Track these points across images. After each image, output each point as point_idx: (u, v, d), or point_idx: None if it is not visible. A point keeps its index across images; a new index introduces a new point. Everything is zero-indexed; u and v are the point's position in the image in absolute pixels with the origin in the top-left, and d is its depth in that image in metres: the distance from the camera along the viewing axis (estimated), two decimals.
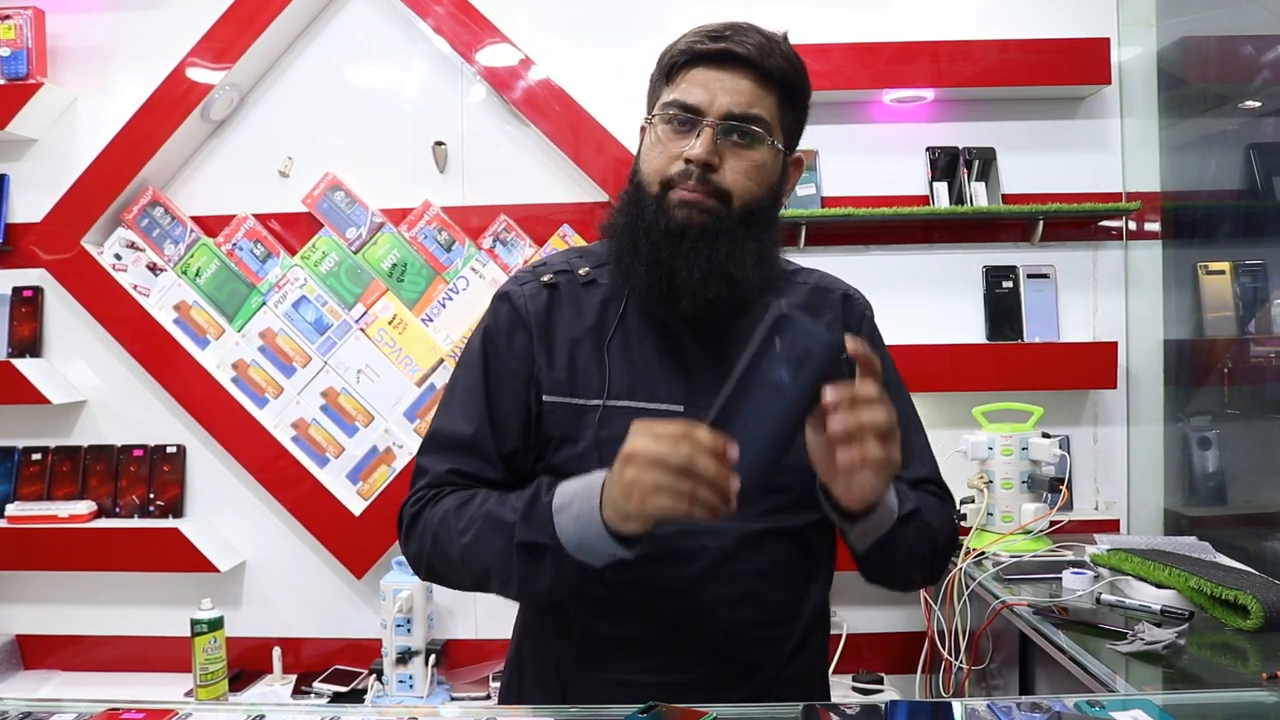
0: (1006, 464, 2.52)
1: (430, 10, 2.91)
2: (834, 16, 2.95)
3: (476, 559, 1.34)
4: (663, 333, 1.44)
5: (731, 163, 1.38)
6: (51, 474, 3.02)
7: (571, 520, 1.24)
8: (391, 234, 2.99)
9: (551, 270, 1.51)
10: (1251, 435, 2.69)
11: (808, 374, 1.10)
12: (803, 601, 1.48)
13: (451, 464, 1.44)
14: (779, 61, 1.41)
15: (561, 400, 1.42)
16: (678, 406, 1.40)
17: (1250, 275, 2.67)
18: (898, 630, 2.95)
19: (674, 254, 1.36)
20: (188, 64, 2.90)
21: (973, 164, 2.93)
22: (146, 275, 3.00)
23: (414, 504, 1.44)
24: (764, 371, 1.10)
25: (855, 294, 1.65)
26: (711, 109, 1.37)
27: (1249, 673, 1.69)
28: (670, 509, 1.14)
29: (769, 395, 1.11)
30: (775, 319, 1.10)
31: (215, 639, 2.72)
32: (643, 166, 1.43)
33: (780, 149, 1.44)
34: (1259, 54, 2.62)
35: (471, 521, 1.34)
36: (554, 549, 1.25)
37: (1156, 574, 2.04)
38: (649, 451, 1.14)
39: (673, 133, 1.39)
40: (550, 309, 1.47)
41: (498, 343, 1.47)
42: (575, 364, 1.43)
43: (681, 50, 1.41)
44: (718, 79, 1.38)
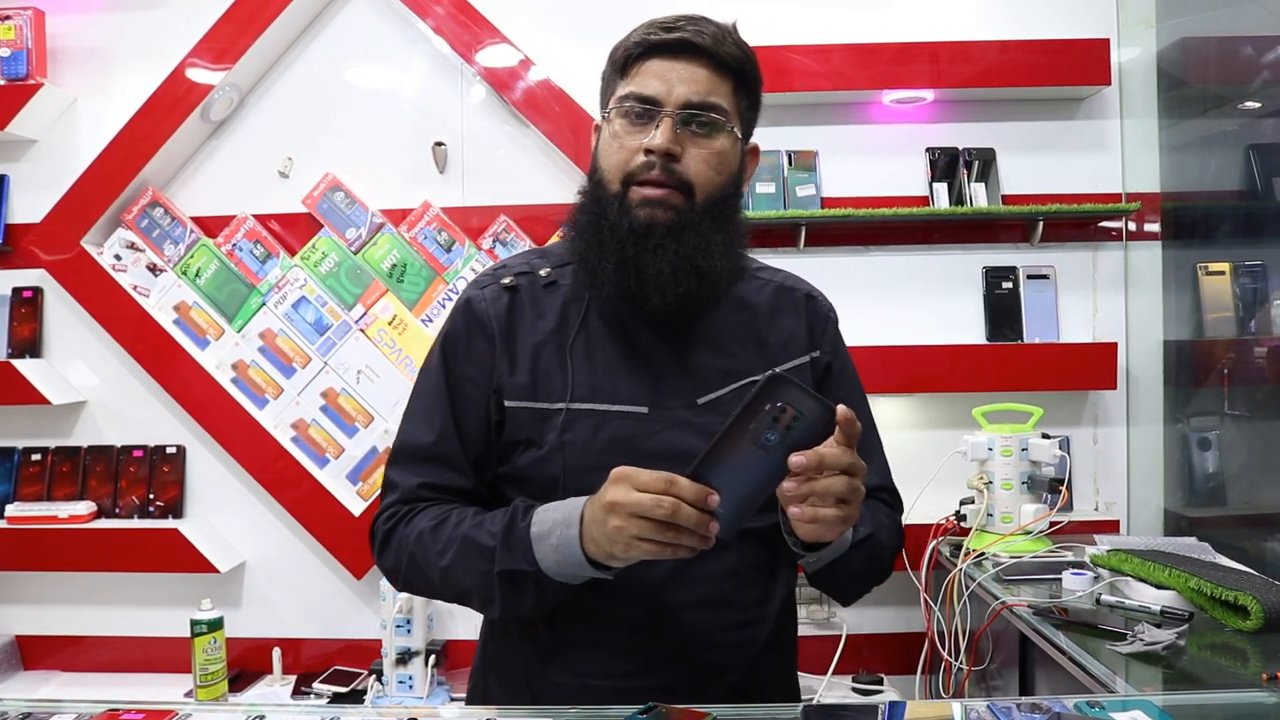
0: (1006, 465, 2.52)
1: (430, 11, 2.91)
2: (834, 17, 2.95)
3: (456, 581, 1.35)
4: (626, 334, 1.44)
5: (693, 152, 1.38)
6: (51, 474, 3.02)
7: (551, 550, 1.25)
8: (391, 234, 2.99)
9: (512, 273, 1.50)
10: (1251, 436, 2.69)
11: (794, 439, 1.12)
12: (770, 602, 1.48)
13: (421, 477, 1.43)
14: (733, 50, 1.42)
15: (524, 405, 1.41)
16: (641, 408, 1.40)
17: (1250, 276, 2.67)
18: (897, 631, 2.95)
19: (640, 251, 1.36)
20: (188, 64, 2.90)
21: (972, 164, 2.93)
22: (146, 276, 3.00)
23: (387, 520, 1.43)
24: (752, 430, 1.12)
25: (818, 295, 1.63)
26: (670, 99, 1.36)
27: (1249, 673, 1.69)
28: (653, 555, 1.17)
29: (754, 453, 1.13)
30: (770, 380, 1.12)
31: (215, 639, 2.72)
32: (602, 163, 1.42)
33: (739, 136, 1.46)
34: (1259, 55, 2.62)
35: (449, 544, 1.34)
36: (534, 575, 1.27)
37: (1156, 575, 2.04)
38: (632, 504, 1.15)
39: (631, 125, 1.38)
40: (511, 312, 1.46)
41: (458, 349, 1.47)
42: (538, 368, 1.43)
43: (635, 43, 1.41)
44: (674, 69, 1.38)
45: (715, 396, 1.43)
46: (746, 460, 1.12)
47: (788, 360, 1.49)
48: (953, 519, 2.61)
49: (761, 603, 1.46)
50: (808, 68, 2.85)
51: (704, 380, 1.44)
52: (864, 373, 2.84)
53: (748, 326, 1.50)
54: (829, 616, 2.95)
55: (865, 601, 2.95)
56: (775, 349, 1.50)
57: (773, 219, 2.85)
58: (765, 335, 1.50)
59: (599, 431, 1.38)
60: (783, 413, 1.11)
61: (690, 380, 1.43)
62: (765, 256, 2.93)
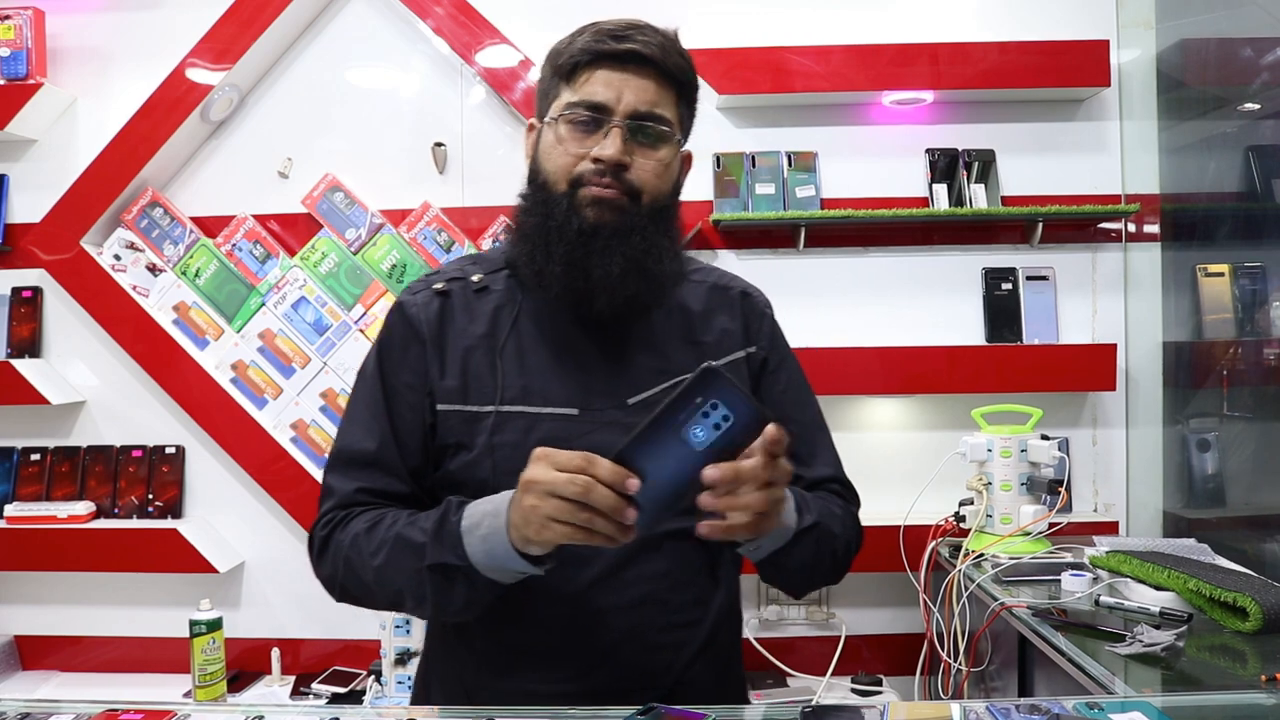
0: (1005, 466, 2.52)
1: (430, 11, 2.91)
2: (834, 18, 2.95)
3: (389, 581, 1.33)
4: (557, 336, 1.45)
5: (640, 161, 1.39)
6: (50, 474, 3.02)
7: (480, 541, 1.24)
8: (391, 235, 2.99)
9: (444, 278, 1.50)
10: (1250, 437, 2.69)
11: (722, 437, 1.09)
12: (707, 604, 1.47)
13: (359, 482, 1.43)
14: (678, 60, 1.43)
15: (455, 408, 1.42)
16: (572, 410, 1.40)
17: (1249, 277, 2.67)
18: (897, 632, 2.95)
19: (589, 252, 1.37)
20: (187, 65, 2.90)
21: (972, 166, 2.93)
22: (146, 276, 3.00)
23: (324, 526, 1.42)
24: (681, 423, 1.09)
25: (754, 291, 1.63)
26: (618, 108, 1.37)
27: (1248, 675, 1.69)
28: (567, 537, 1.15)
29: (680, 447, 1.10)
30: (704, 374, 1.08)
31: (214, 640, 2.71)
32: (545, 166, 1.43)
33: (682, 145, 1.47)
34: (1258, 56, 2.62)
35: (382, 544, 1.33)
36: (465, 569, 1.26)
37: (1155, 576, 2.04)
38: (546, 481, 1.14)
39: (577, 132, 1.39)
40: (443, 317, 1.46)
41: (393, 355, 1.46)
42: (468, 371, 1.43)
43: (583, 49, 1.40)
44: (622, 79, 1.38)
45: (647, 396, 1.43)
46: (673, 453, 1.10)
47: (723, 356, 1.50)
48: (952, 520, 2.61)
49: (697, 604, 1.45)
50: (807, 69, 2.85)
51: (636, 380, 1.44)
52: (864, 373, 2.87)
53: (682, 326, 1.51)
54: (828, 618, 2.96)
55: (864, 602, 3.00)
56: (710, 346, 1.50)
57: (772, 220, 2.85)
58: (699, 334, 1.51)
59: (529, 434, 1.38)
60: (714, 409, 1.08)
61: (622, 381, 1.44)
62: (765, 258, 2.98)
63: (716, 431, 1.09)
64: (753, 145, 2.97)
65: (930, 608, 2.54)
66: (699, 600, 1.46)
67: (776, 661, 2.85)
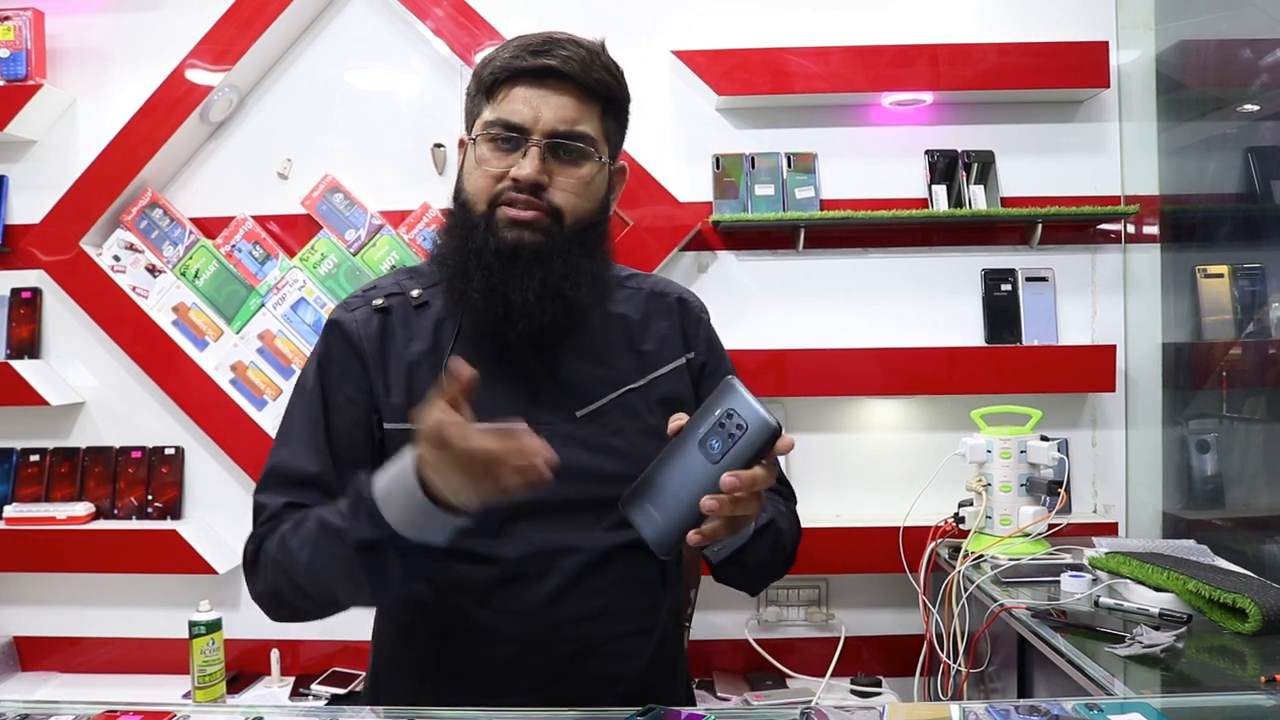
0: (1005, 467, 2.52)
1: (429, 12, 2.91)
2: (833, 19, 2.95)
3: (320, 574, 1.29)
4: (501, 350, 1.43)
5: (560, 180, 1.37)
6: (50, 475, 3.02)
7: (398, 503, 1.18)
8: (390, 236, 2.98)
9: (382, 294, 1.49)
10: (1250, 438, 2.69)
11: (738, 447, 1.11)
12: (658, 610, 1.48)
13: (288, 498, 1.39)
14: (601, 75, 1.41)
15: (401, 427, 1.39)
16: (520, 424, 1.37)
17: (1248, 279, 2.67)
18: (896, 633, 2.95)
19: (507, 277, 1.35)
20: (187, 65, 2.90)
21: (971, 167, 2.93)
22: (145, 277, 3.00)
23: (253, 541, 1.39)
24: (698, 437, 1.13)
25: (690, 297, 1.63)
26: (536, 127, 1.36)
27: (1247, 676, 1.69)
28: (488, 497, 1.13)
29: (699, 461, 1.13)
30: (720, 387, 1.12)
31: (213, 641, 2.71)
32: (467, 186, 1.42)
33: (606, 162, 1.44)
34: (1257, 58, 2.62)
35: (306, 538, 1.29)
36: (391, 539, 1.19)
37: (1155, 577, 2.04)
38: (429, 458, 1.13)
39: (496, 151, 1.38)
40: (384, 334, 1.45)
41: (333, 371, 1.44)
42: (413, 388, 1.41)
43: (502, 66, 1.39)
44: (540, 96, 1.37)
45: (594, 408, 1.43)
46: (692, 469, 1.13)
47: (664, 364, 1.51)
48: (951, 521, 2.61)
49: (649, 612, 1.46)
50: (807, 70, 2.85)
51: (582, 391, 1.44)
52: (863, 374, 2.87)
53: (622, 335, 1.51)
54: (828, 619, 2.96)
55: (864, 603, 3.00)
56: (650, 355, 1.50)
57: (771, 221, 2.85)
58: (640, 342, 1.51)
59: None
60: (729, 419, 1.11)
61: (568, 393, 1.44)
62: (764, 259, 2.98)
63: (732, 440, 1.11)
64: (752, 146, 2.97)
65: (930, 609, 2.54)
66: (651, 607, 1.47)
67: (776, 663, 2.85)
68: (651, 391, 1.49)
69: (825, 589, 2.98)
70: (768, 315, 2.97)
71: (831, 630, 2.95)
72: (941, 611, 2.43)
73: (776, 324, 2.95)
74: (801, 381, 2.83)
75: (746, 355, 2.76)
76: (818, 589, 2.97)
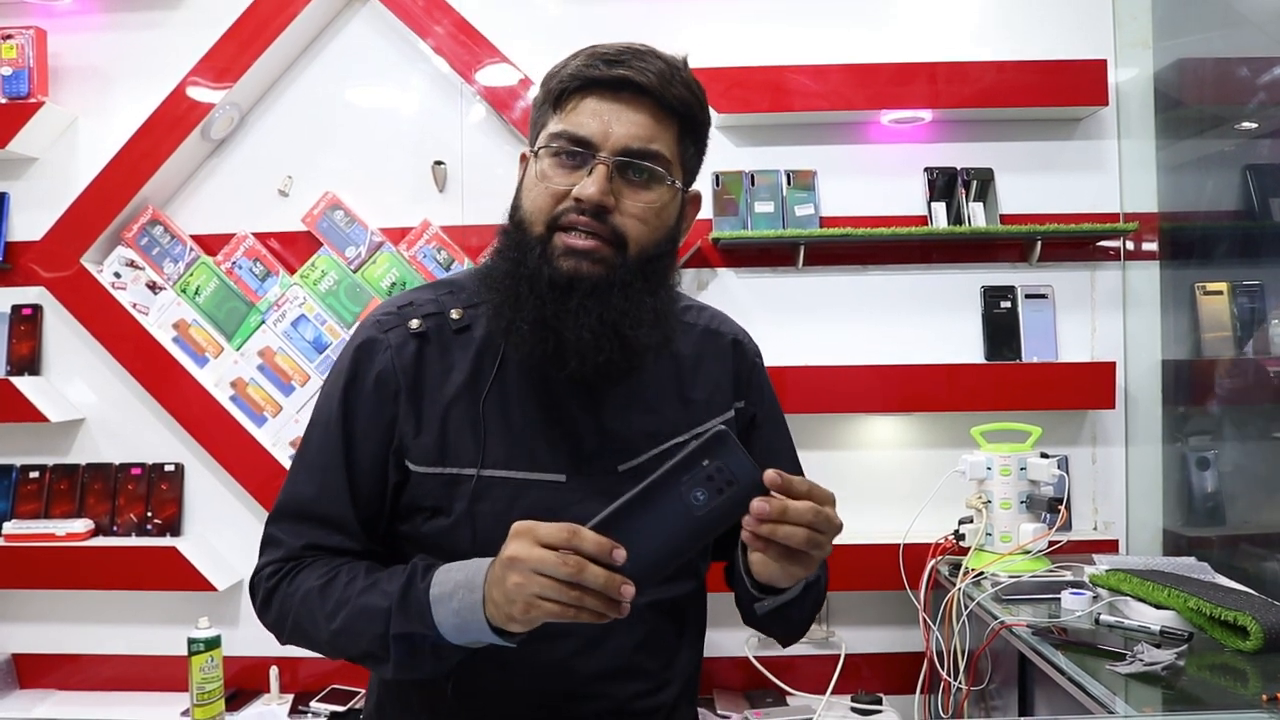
0: (1005, 484, 2.52)
1: (430, 31, 2.93)
2: (832, 37, 2.96)
3: (348, 645, 1.25)
4: (545, 389, 1.33)
5: (627, 204, 1.26)
6: (49, 492, 3.02)
7: (452, 614, 1.15)
8: (391, 253, 2.99)
9: (420, 313, 1.36)
10: (1250, 455, 2.69)
11: (724, 502, 1.06)
12: (675, 666, 1.42)
13: (307, 539, 1.32)
14: (680, 91, 1.28)
15: (432, 471, 1.31)
16: (560, 476, 1.31)
17: (1248, 296, 2.68)
18: (896, 650, 2.94)
19: (560, 311, 1.23)
20: (188, 83, 2.91)
21: (971, 184, 2.94)
22: (146, 294, 3.01)
23: (270, 576, 1.33)
24: (681, 485, 1.05)
25: (745, 339, 1.54)
26: (606, 143, 1.24)
27: (1248, 694, 1.68)
28: (555, 616, 1.06)
29: (679, 510, 1.06)
30: (711, 438, 1.05)
31: (212, 658, 2.71)
32: (525, 204, 1.30)
33: (679, 188, 1.32)
34: (1255, 76, 2.63)
35: (339, 605, 1.24)
36: (433, 639, 1.17)
37: (1155, 595, 2.03)
38: (535, 560, 1.05)
39: (560, 167, 1.27)
40: (419, 363, 1.33)
41: (360, 401, 1.33)
42: (447, 429, 1.31)
43: (572, 75, 1.28)
44: (613, 110, 1.25)
45: (638, 463, 1.35)
46: (669, 517, 1.05)
47: (714, 415, 1.42)
48: (951, 538, 2.61)
49: (668, 666, 1.41)
50: (806, 88, 2.86)
51: (626, 444, 1.35)
52: (863, 391, 2.87)
53: (673, 381, 1.42)
54: (828, 636, 2.95)
55: (864, 621, 2.99)
56: (700, 405, 1.42)
57: (771, 238, 2.85)
58: (690, 390, 1.42)
59: (514, 502, 1.29)
60: (719, 473, 1.05)
61: (612, 444, 1.34)
62: (764, 276, 2.98)
63: (720, 495, 1.05)
64: (752, 164, 2.98)
65: (930, 626, 2.54)
66: (668, 664, 1.42)
67: (776, 680, 2.84)
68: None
69: (825, 606, 2.97)
70: (767, 332, 2.94)
71: (832, 648, 2.94)
72: (942, 629, 2.43)
73: (776, 341, 2.94)
74: (801, 398, 2.82)
75: None
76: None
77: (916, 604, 2.58)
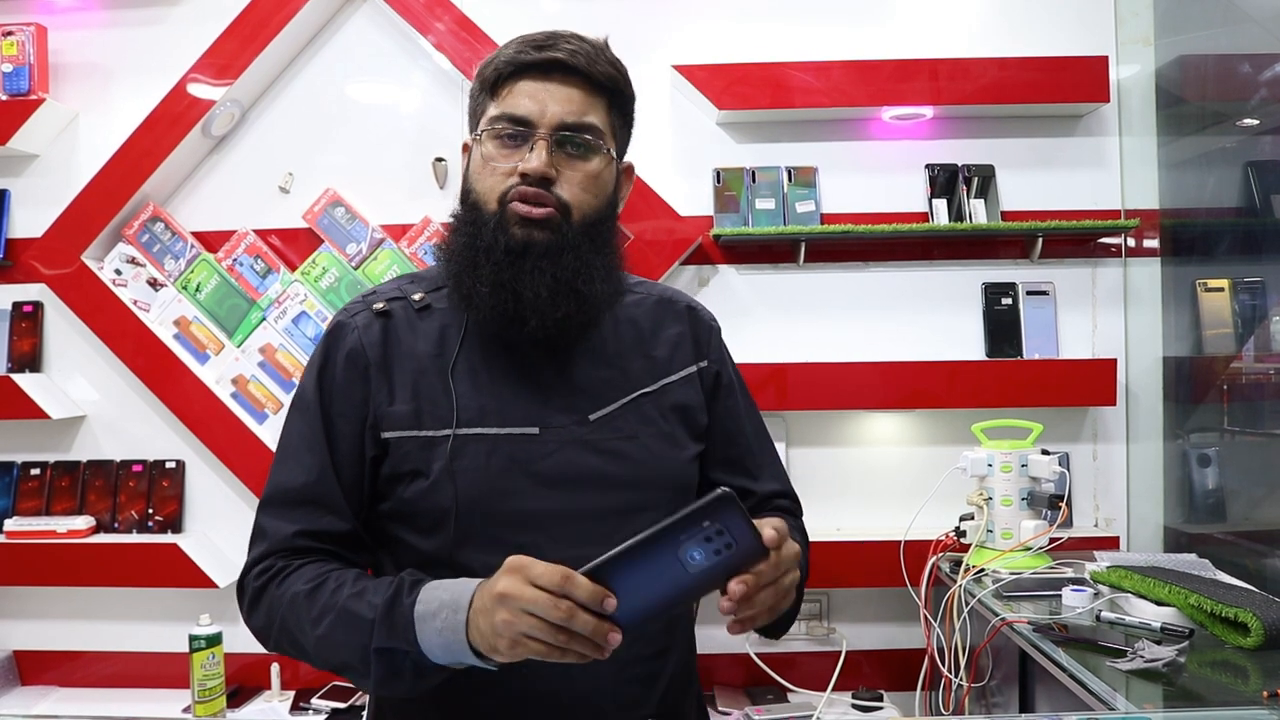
0: (1006, 481, 2.52)
1: (431, 27, 2.92)
2: (833, 34, 2.96)
3: (332, 653, 1.27)
4: (509, 353, 1.40)
5: (568, 174, 1.35)
6: (50, 489, 3.02)
7: (435, 634, 1.17)
8: (392, 250, 2.99)
9: (383, 298, 1.45)
10: (1251, 452, 2.69)
11: (720, 564, 1.06)
12: (675, 632, 1.46)
13: (297, 524, 1.36)
14: (606, 68, 1.39)
15: (408, 434, 1.36)
16: (533, 429, 1.36)
17: (1249, 292, 2.68)
18: (897, 647, 2.94)
19: (518, 273, 1.33)
20: (189, 80, 2.91)
21: (972, 181, 2.94)
22: (147, 290, 3.01)
23: (257, 576, 1.36)
24: (679, 543, 1.05)
25: (699, 306, 1.61)
26: (543, 120, 1.34)
27: (1249, 691, 1.68)
28: (540, 655, 1.09)
29: (674, 566, 1.05)
30: (716, 499, 1.04)
31: (214, 655, 2.71)
32: (475, 186, 1.40)
33: (614, 156, 1.42)
34: (1257, 72, 2.63)
35: (325, 611, 1.26)
36: (415, 656, 1.19)
37: (1156, 591, 2.03)
38: (527, 600, 1.07)
39: (503, 147, 1.36)
40: (386, 339, 1.41)
41: (334, 382, 1.40)
42: (419, 395, 1.37)
43: (505, 61, 1.37)
44: (546, 89, 1.35)
45: (608, 411, 1.41)
46: (663, 572, 1.05)
47: (677, 370, 1.49)
48: (952, 535, 2.61)
49: (668, 632, 1.44)
50: (807, 84, 2.86)
51: (595, 395, 1.41)
52: (864, 388, 2.87)
53: (633, 338, 1.49)
54: (829, 633, 2.95)
55: (865, 617, 2.99)
56: (662, 360, 1.49)
57: (772, 235, 2.85)
58: (651, 347, 1.50)
59: (491, 456, 1.34)
60: (718, 535, 1.04)
61: (581, 396, 1.40)
62: (765, 273, 2.98)
63: (716, 558, 1.06)
64: (753, 160, 2.98)
65: (931, 623, 2.54)
66: (668, 629, 1.45)
67: (777, 677, 2.85)
68: (664, 397, 1.46)
69: (826, 603, 2.98)
70: (768, 329, 2.97)
71: (833, 644, 2.95)
72: (943, 626, 2.43)
73: (777, 338, 2.95)
74: (802, 395, 2.82)
75: (747, 369, 2.73)
76: (819, 603, 2.97)
77: (917, 601, 2.58)
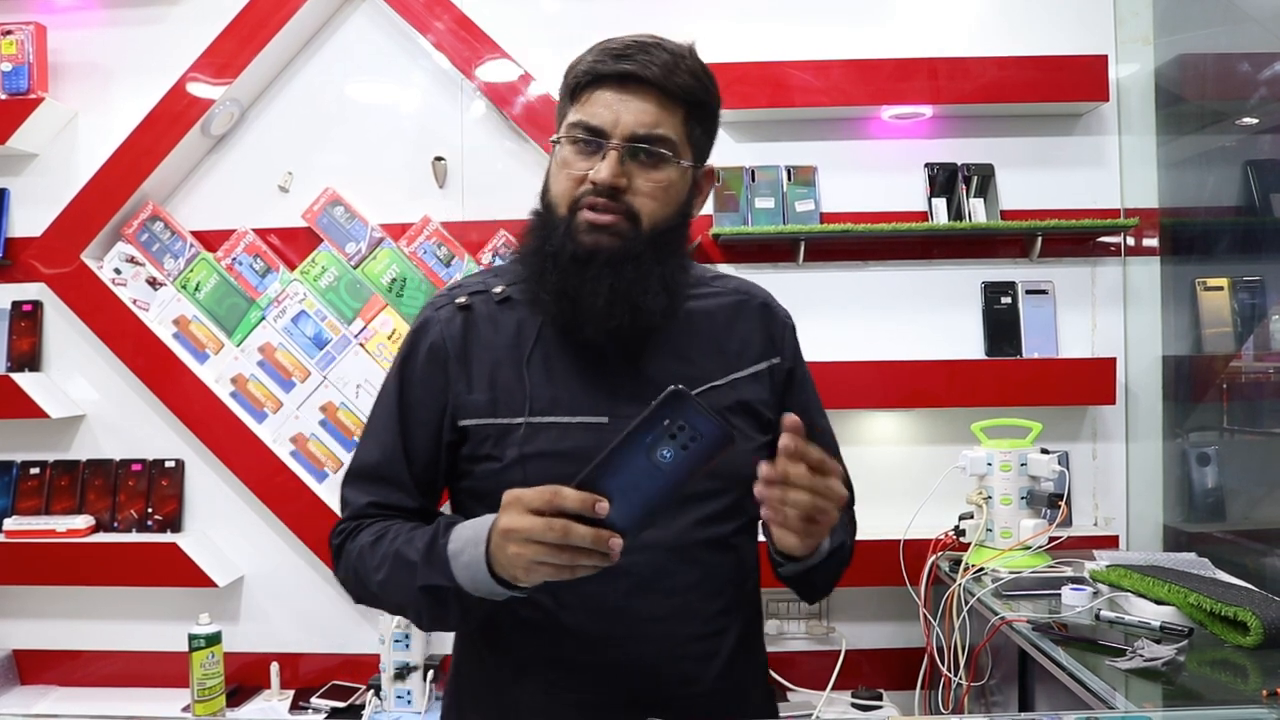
0: (1005, 480, 2.52)
1: (430, 27, 2.92)
2: (833, 34, 2.96)
3: (391, 595, 1.38)
4: (582, 346, 1.44)
5: (639, 183, 1.38)
6: (50, 488, 3.02)
7: (464, 568, 1.25)
8: (391, 249, 2.99)
9: (466, 291, 1.52)
10: (1250, 451, 2.69)
11: (690, 458, 1.11)
12: (736, 610, 1.48)
13: (370, 496, 1.48)
14: (684, 80, 1.41)
15: (484, 422, 1.43)
16: (601, 418, 1.41)
17: (1248, 291, 2.68)
18: (897, 646, 2.94)
19: (580, 281, 1.37)
20: (188, 79, 2.91)
21: (971, 180, 2.94)
22: (146, 290, 3.01)
23: (338, 535, 1.49)
24: (645, 444, 1.11)
25: (774, 303, 1.65)
26: (616, 130, 1.37)
27: (1249, 690, 1.68)
28: (555, 575, 1.16)
29: (648, 467, 1.11)
30: (670, 397, 1.10)
31: (213, 654, 2.71)
32: (551, 188, 1.44)
33: (688, 166, 1.44)
34: (1256, 71, 2.63)
35: (384, 559, 1.37)
36: (455, 590, 1.27)
37: (1156, 590, 2.03)
38: (525, 529, 1.14)
39: (578, 154, 1.40)
40: (467, 331, 1.48)
41: (413, 373, 1.49)
42: (496, 384, 1.44)
43: (584, 70, 1.41)
44: (621, 100, 1.38)
45: None
46: (641, 475, 1.11)
47: (748, 366, 1.51)
48: (952, 534, 2.61)
49: (726, 613, 1.46)
50: (807, 84, 2.85)
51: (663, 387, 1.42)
52: (863, 387, 2.87)
53: (706, 333, 1.52)
54: (828, 632, 2.95)
55: (864, 617, 2.99)
56: (734, 355, 1.51)
57: (772, 234, 2.85)
58: (724, 342, 1.52)
59: (560, 443, 1.39)
60: (680, 430, 1.10)
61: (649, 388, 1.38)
62: (765, 272, 2.98)
63: (685, 452, 1.10)
64: (752, 160, 2.98)
65: (930, 622, 2.54)
66: (727, 609, 1.46)
67: (776, 676, 2.85)
68: (732, 392, 1.48)
69: (826, 602, 2.98)
70: None
71: (832, 643, 2.95)
72: (942, 625, 2.43)
73: None
74: None
75: None
76: (818, 602, 2.97)
77: (917, 600, 2.58)
